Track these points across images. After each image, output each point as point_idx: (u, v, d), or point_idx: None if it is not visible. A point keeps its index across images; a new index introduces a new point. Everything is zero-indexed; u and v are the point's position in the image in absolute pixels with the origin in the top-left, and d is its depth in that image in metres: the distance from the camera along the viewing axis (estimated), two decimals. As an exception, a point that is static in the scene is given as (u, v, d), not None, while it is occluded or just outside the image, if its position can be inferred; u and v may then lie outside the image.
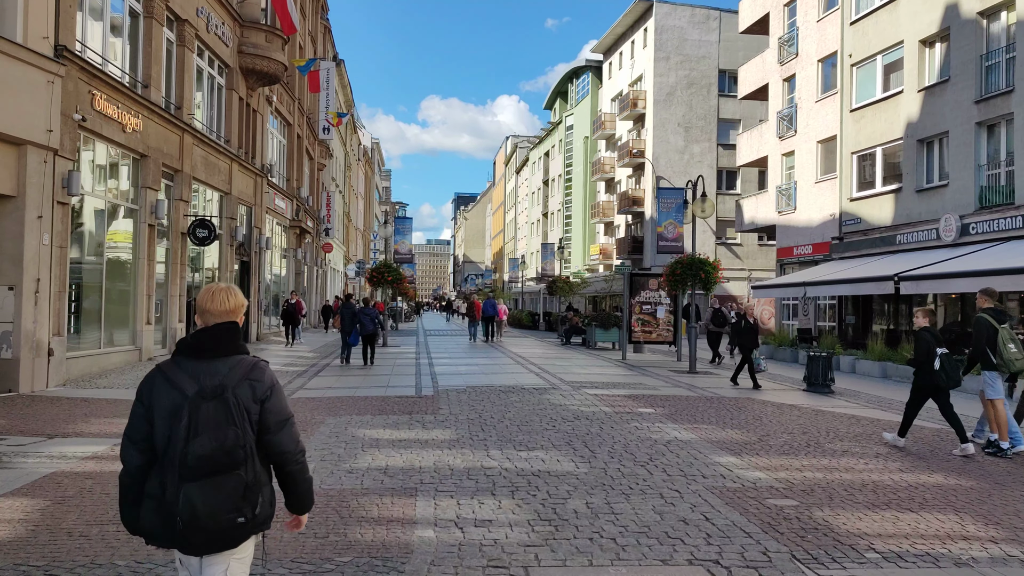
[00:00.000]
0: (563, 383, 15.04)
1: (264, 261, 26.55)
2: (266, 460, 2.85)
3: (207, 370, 2.78)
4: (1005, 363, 8.59)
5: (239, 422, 2.72)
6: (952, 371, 8.67)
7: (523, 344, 29.20)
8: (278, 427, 2.84)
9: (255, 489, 2.76)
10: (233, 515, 2.70)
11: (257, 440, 2.79)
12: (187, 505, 2.63)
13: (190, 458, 2.64)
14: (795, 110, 29.52)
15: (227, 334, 2.88)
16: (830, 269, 24.03)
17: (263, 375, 2.85)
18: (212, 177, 21.36)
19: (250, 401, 2.78)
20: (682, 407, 12.11)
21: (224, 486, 2.68)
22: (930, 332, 8.86)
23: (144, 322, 17.20)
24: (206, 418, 2.68)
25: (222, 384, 2.75)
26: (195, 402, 2.70)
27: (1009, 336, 8.68)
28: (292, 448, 2.87)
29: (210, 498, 2.65)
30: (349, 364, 19.06)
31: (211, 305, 2.90)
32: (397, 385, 14.66)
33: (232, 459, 2.69)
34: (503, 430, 9.76)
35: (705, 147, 45.75)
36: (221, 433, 2.68)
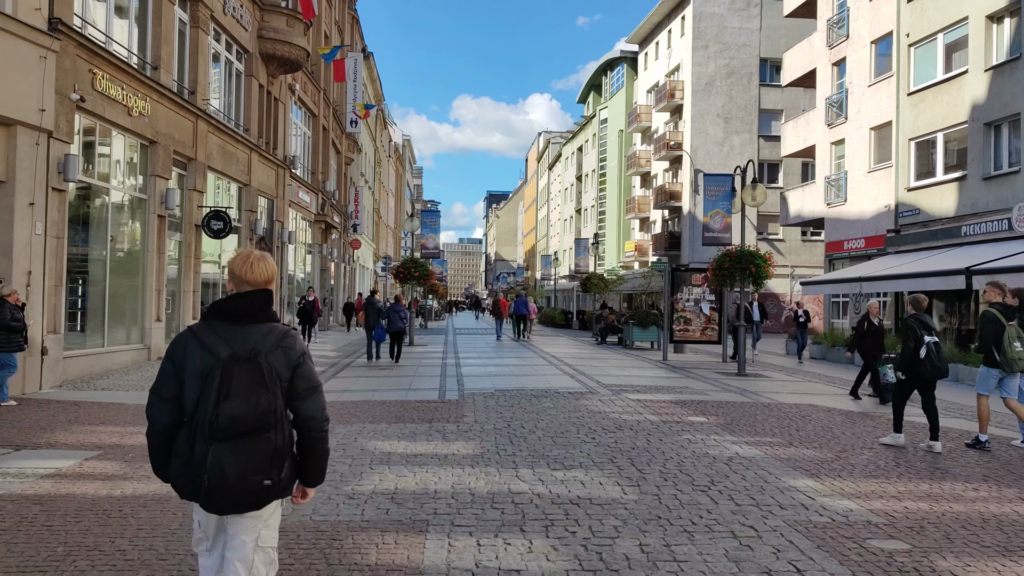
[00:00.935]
0: (601, 386, 13.69)
1: (287, 256, 25.53)
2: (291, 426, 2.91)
3: (240, 335, 2.82)
4: (1009, 361, 8.32)
5: (271, 387, 2.78)
6: (939, 361, 8.38)
7: (556, 343, 27.86)
8: (307, 393, 2.90)
9: (283, 453, 2.81)
10: (260, 477, 2.73)
11: (286, 404, 2.86)
12: (216, 465, 2.68)
13: (221, 419, 2.68)
14: (845, 95, 27.78)
15: (262, 302, 2.93)
16: (887, 264, 22.33)
17: (295, 342, 2.92)
18: (230, 167, 20.33)
19: (283, 367, 2.84)
20: (738, 415, 10.69)
21: (254, 448, 2.72)
22: (918, 319, 8.54)
23: (153, 319, 16.18)
24: (239, 381, 2.73)
25: (255, 349, 2.80)
26: (228, 365, 2.74)
27: (1016, 334, 8.37)
28: (318, 415, 2.93)
29: (239, 459, 2.70)
30: (376, 360, 18.36)
31: (250, 275, 2.92)
32: (419, 388, 13.42)
33: (263, 422, 2.74)
34: (535, 443, 8.46)
35: (746, 138, 43.96)
36: (254, 396, 2.73)
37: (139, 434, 8.69)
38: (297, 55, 23.36)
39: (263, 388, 2.76)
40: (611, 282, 38.95)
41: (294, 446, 2.93)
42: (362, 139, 47.10)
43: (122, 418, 9.79)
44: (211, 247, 20.06)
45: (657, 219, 49.61)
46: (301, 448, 2.94)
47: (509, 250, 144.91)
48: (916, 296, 8.98)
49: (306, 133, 30.11)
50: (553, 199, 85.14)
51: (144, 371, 14.62)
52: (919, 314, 8.64)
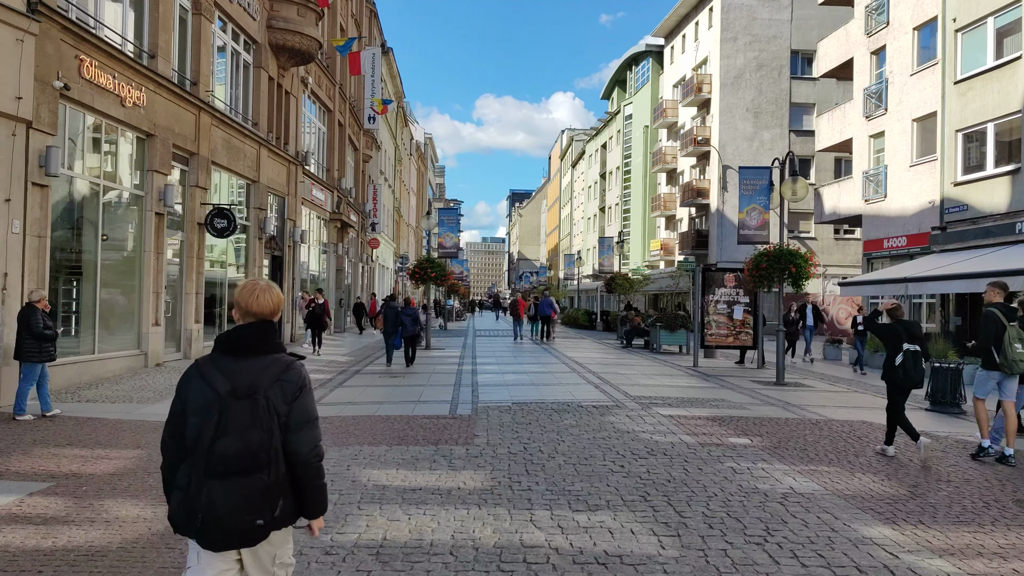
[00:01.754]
0: (628, 398, 12.50)
1: (299, 256, 24.57)
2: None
3: (241, 369, 2.81)
4: (1009, 363, 8.08)
5: (266, 425, 2.75)
6: (912, 370, 8.23)
7: (579, 347, 26.66)
8: (299, 427, 2.84)
9: (277, 491, 2.77)
10: (252, 517, 2.70)
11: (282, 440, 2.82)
12: (209, 502, 2.67)
13: (215, 457, 2.68)
14: (885, 86, 26.29)
15: (262, 334, 2.90)
16: (934, 263, 20.89)
17: (296, 375, 2.88)
18: (236, 163, 19.37)
19: (281, 402, 2.81)
20: (785, 436, 9.46)
21: (246, 487, 2.69)
22: (902, 325, 8.39)
23: (151, 323, 15.22)
24: (235, 418, 2.72)
25: (254, 384, 2.78)
26: (226, 401, 2.74)
27: (1017, 335, 8.13)
28: (306, 451, 2.86)
29: (231, 498, 2.67)
30: (389, 366, 17.69)
31: (255, 306, 2.92)
32: (430, 400, 12.31)
33: (255, 462, 2.71)
34: (554, 472, 7.31)
35: (776, 133, 42.44)
36: (247, 435, 2.71)
37: (107, 458, 7.67)
38: (309, 46, 22.37)
39: (258, 426, 2.74)
40: (636, 282, 37.63)
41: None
42: (381, 136, 46.16)
43: (95, 438, 8.77)
44: (217, 246, 19.13)
45: (684, 217, 48.21)
46: (294, 481, 2.87)
47: (532, 249, 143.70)
48: (999, 280, 8.79)
49: (321, 129, 29.15)
50: (576, 197, 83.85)
51: (138, 379, 13.66)
52: (905, 321, 8.50)
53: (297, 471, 2.86)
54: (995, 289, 8.62)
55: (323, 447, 2.96)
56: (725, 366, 19.14)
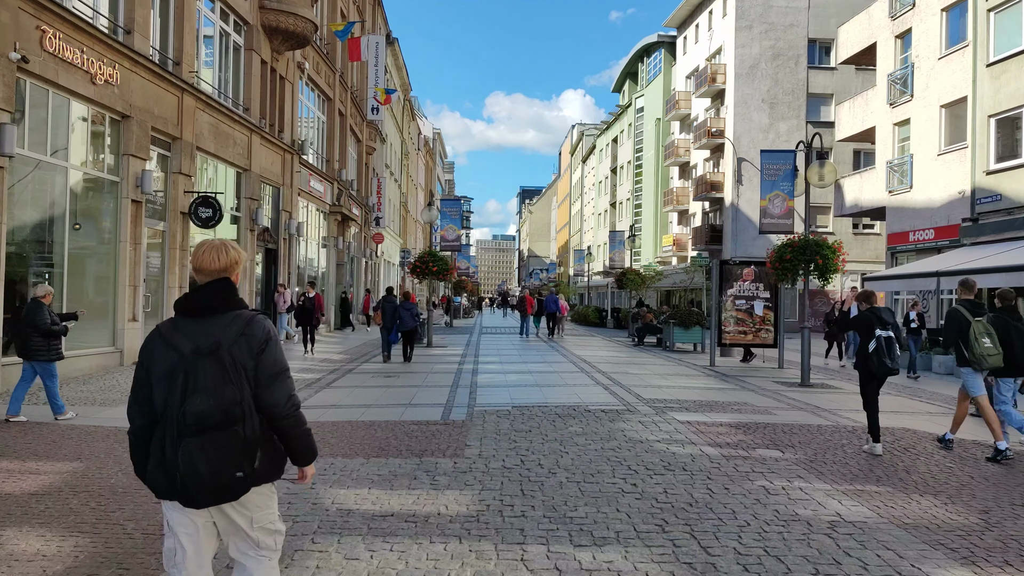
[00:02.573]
0: (641, 402, 11.35)
1: (295, 249, 23.51)
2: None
3: (202, 329, 2.79)
4: (977, 358, 7.98)
5: (235, 379, 2.73)
6: (887, 357, 7.98)
7: (588, 344, 25.50)
8: (269, 380, 2.82)
9: (254, 444, 2.76)
10: (232, 470, 2.70)
11: (254, 394, 2.79)
12: (187, 460, 2.66)
13: (188, 416, 2.67)
14: (911, 71, 25.00)
15: (219, 292, 2.87)
16: (967, 256, 19.62)
17: (259, 328, 2.84)
18: (224, 149, 18.31)
19: (246, 357, 2.78)
20: (820, 447, 8.29)
21: (223, 442, 2.68)
22: (874, 312, 8.17)
23: (127, 318, 14.18)
24: (203, 376, 2.70)
25: (217, 342, 2.75)
26: (191, 360, 2.72)
27: (984, 330, 8.04)
28: (282, 402, 2.84)
29: (209, 454, 2.66)
30: (390, 362, 17.33)
31: (201, 263, 2.88)
32: (422, 402, 11.19)
33: (229, 416, 2.70)
34: (554, 492, 6.19)
35: (793, 124, 41.08)
36: (217, 391, 2.69)
37: (35, 474, 6.61)
38: (303, 28, 21.29)
39: (227, 381, 2.72)
40: (648, 278, 36.42)
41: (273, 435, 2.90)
42: (387, 129, 45.11)
43: (33, 447, 7.71)
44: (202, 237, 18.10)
45: (697, 211, 46.92)
46: (277, 435, 2.89)
47: (542, 246, 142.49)
48: (966, 279, 8.69)
49: (320, 118, 28.08)
50: (587, 193, 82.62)
51: (109, 379, 12.62)
52: (875, 307, 8.30)
53: (276, 423, 2.84)
54: (963, 287, 8.61)
55: (298, 396, 2.95)
56: (744, 366, 17.93)
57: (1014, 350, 8.06)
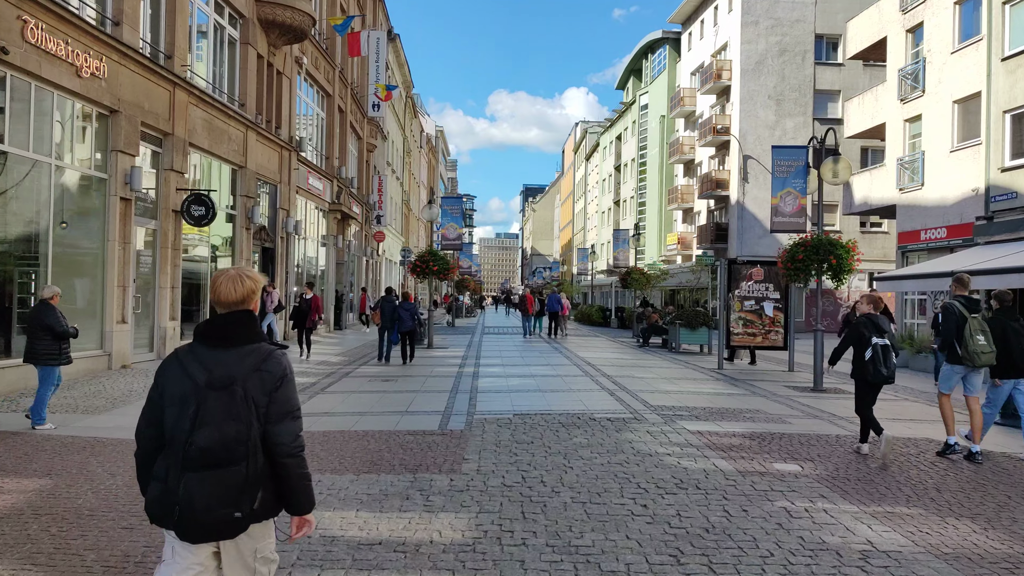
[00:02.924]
0: (648, 409, 10.84)
1: (293, 248, 23.03)
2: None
3: (219, 359, 2.75)
4: (970, 355, 7.90)
5: (244, 416, 2.69)
6: (884, 365, 7.92)
7: (593, 345, 24.99)
8: (279, 418, 2.78)
9: (255, 484, 2.71)
10: (229, 510, 2.65)
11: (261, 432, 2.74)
12: (186, 495, 2.62)
13: (192, 448, 2.63)
14: (923, 65, 24.42)
15: (237, 324, 2.84)
16: (981, 255, 19.04)
17: (276, 366, 2.80)
18: (219, 146, 17.83)
19: (259, 393, 2.74)
20: (841, 461, 7.78)
21: (223, 480, 2.64)
22: (869, 319, 8.12)
23: (116, 320, 13.71)
24: (212, 409, 2.66)
25: (231, 375, 2.71)
26: (203, 392, 2.68)
27: (979, 327, 7.97)
28: (288, 441, 2.79)
29: (208, 490, 2.62)
30: (385, 363, 17.15)
31: (219, 295, 2.85)
32: (419, 410, 10.69)
33: (231, 454, 2.65)
34: (558, 515, 5.70)
35: (799, 122, 40.52)
36: (223, 427, 2.65)
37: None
38: (301, 22, 20.79)
39: (234, 418, 2.68)
40: (653, 277, 35.90)
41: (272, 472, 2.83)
42: (389, 126, 44.61)
43: (2, 461, 7.21)
44: (201, 237, 17.61)
45: (702, 209, 46.38)
46: (276, 475, 2.80)
47: (545, 244, 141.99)
48: (961, 275, 8.62)
49: (319, 114, 27.58)
50: (590, 191, 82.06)
51: (95, 384, 12.15)
52: (871, 315, 8.22)
53: (278, 463, 2.78)
54: (957, 284, 8.53)
55: (304, 439, 2.88)
56: (753, 369, 17.42)
57: (1012, 350, 8.00)
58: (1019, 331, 8.06)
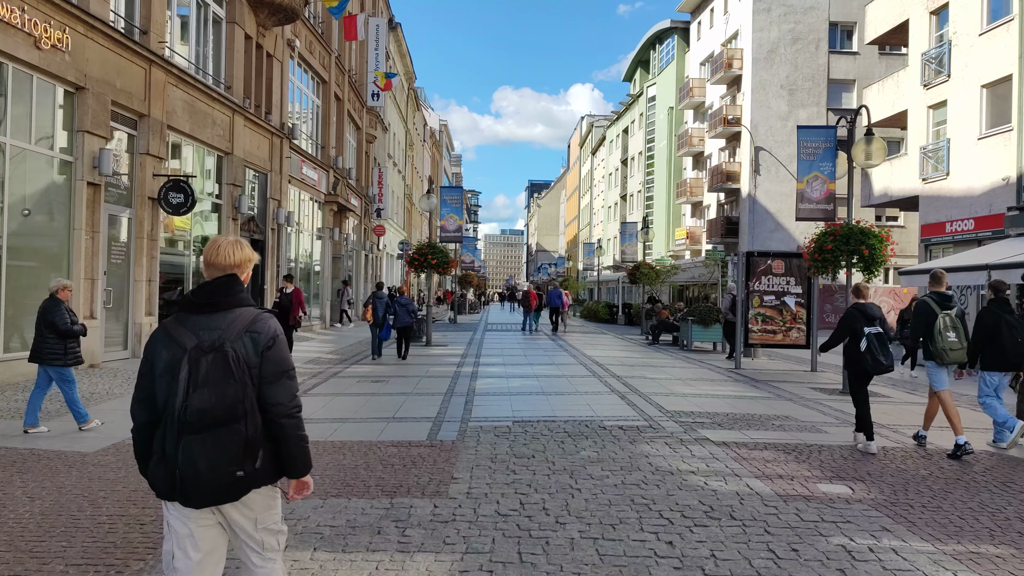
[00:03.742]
0: (664, 415, 9.70)
1: (284, 240, 21.91)
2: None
3: (207, 324, 2.75)
4: (939, 352, 7.75)
5: (239, 376, 2.68)
6: (880, 355, 7.71)
7: (599, 343, 23.84)
8: (275, 378, 2.78)
9: (255, 443, 2.71)
10: (233, 468, 2.65)
11: (258, 392, 2.75)
12: (187, 458, 2.61)
13: (189, 412, 2.62)
14: (948, 49, 23.19)
15: (225, 287, 2.84)
16: (1013, 248, 17.83)
17: (265, 326, 2.81)
18: (202, 130, 16.73)
19: (251, 354, 2.74)
20: (897, 481, 6.63)
21: (224, 440, 2.63)
22: (858, 308, 7.97)
23: (83, 315, 12.60)
24: (205, 372, 2.65)
25: (221, 337, 2.72)
26: (194, 356, 2.67)
27: (950, 323, 7.79)
28: (286, 400, 2.80)
29: (210, 451, 2.62)
30: (378, 357, 16.63)
31: (215, 258, 2.87)
32: (408, 415, 9.56)
33: (231, 413, 2.65)
34: (562, 556, 4.58)
35: (813, 112, 39.25)
36: (221, 387, 2.65)
37: None
38: (291, 1, 19.66)
39: (231, 377, 2.67)
40: (663, 272, 34.71)
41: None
42: (390, 117, 43.48)
43: (-94, 480, 6.12)
44: (179, 225, 16.51)
45: (712, 203, 45.16)
46: (273, 437, 2.80)
47: (551, 240, 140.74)
48: (936, 271, 8.35)
49: (314, 101, 26.45)
50: (596, 185, 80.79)
51: (55, 385, 11.04)
52: (860, 303, 8.08)
53: (276, 422, 2.77)
54: (932, 280, 8.31)
55: (300, 400, 2.87)
56: (774, 369, 16.25)
57: (1003, 344, 7.79)
58: (1013, 324, 7.82)
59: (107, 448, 7.44)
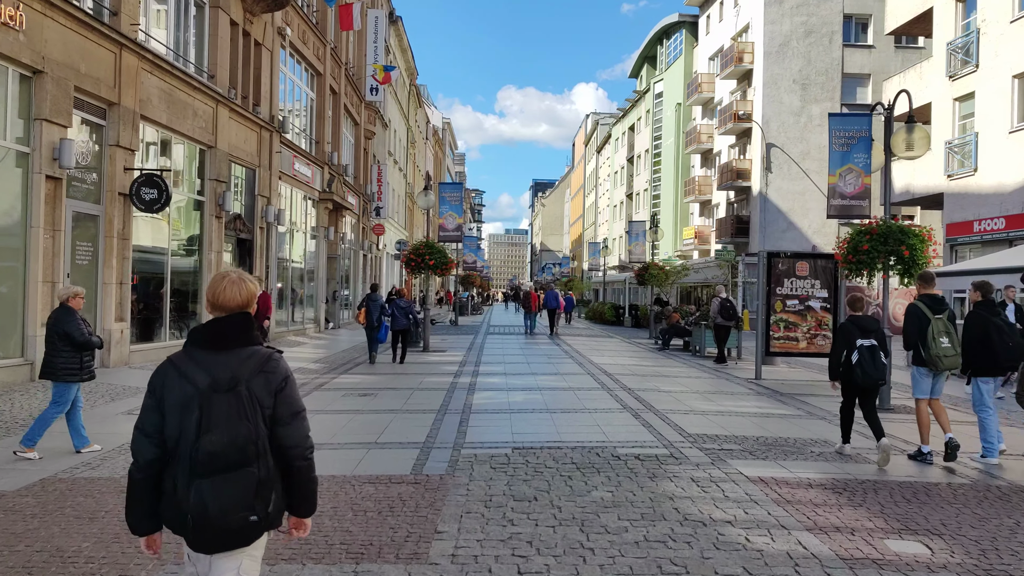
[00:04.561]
0: (685, 439, 8.51)
1: (274, 239, 20.75)
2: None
3: (220, 362, 2.69)
4: (932, 359, 7.44)
5: (251, 416, 2.63)
6: (871, 368, 7.43)
7: (606, 348, 22.65)
8: (289, 419, 2.74)
9: (268, 485, 2.64)
10: (246, 513, 2.58)
11: (270, 433, 2.69)
12: (198, 502, 2.54)
13: (201, 453, 2.55)
14: (976, 38, 21.95)
15: (239, 327, 2.78)
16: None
17: (278, 366, 2.77)
18: (181, 121, 15.57)
19: (264, 394, 2.69)
20: (983, 534, 5.41)
21: (236, 483, 2.56)
22: (853, 321, 7.76)
23: (40, 322, 11.41)
24: (218, 412, 2.59)
25: (235, 377, 2.66)
26: (207, 395, 2.61)
27: (944, 329, 7.47)
28: (301, 443, 2.76)
29: (222, 495, 2.54)
30: (375, 363, 16.05)
31: (221, 299, 2.79)
32: (392, 440, 8.37)
33: (244, 455, 2.58)
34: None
35: (826, 107, 37.91)
36: (233, 428, 2.59)
37: None
38: (280, -15, 18.51)
39: (243, 418, 2.60)
40: (673, 273, 33.48)
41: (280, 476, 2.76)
42: (391, 114, 42.32)
43: None
44: (161, 227, 15.35)
45: (721, 202, 43.92)
46: (285, 477, 2.75)
47: (555, 240, 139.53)
48: (925, 273, 8.27)
49: (308, 94, 25.29)
50: (601, 184, 79.54)
51: (15, 399, 9.89)
52: (856, 316, 7.91)
53: (291, 464, 2.73)
54: (921, 283, 8.12)
55: (312, 441, 2.83)
56: (796, 379, 15.03)
57: (994, 348, 7.42)
58: (1002, 327, 7.49)
59: (32, 485, 6.28)
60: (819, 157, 37.96)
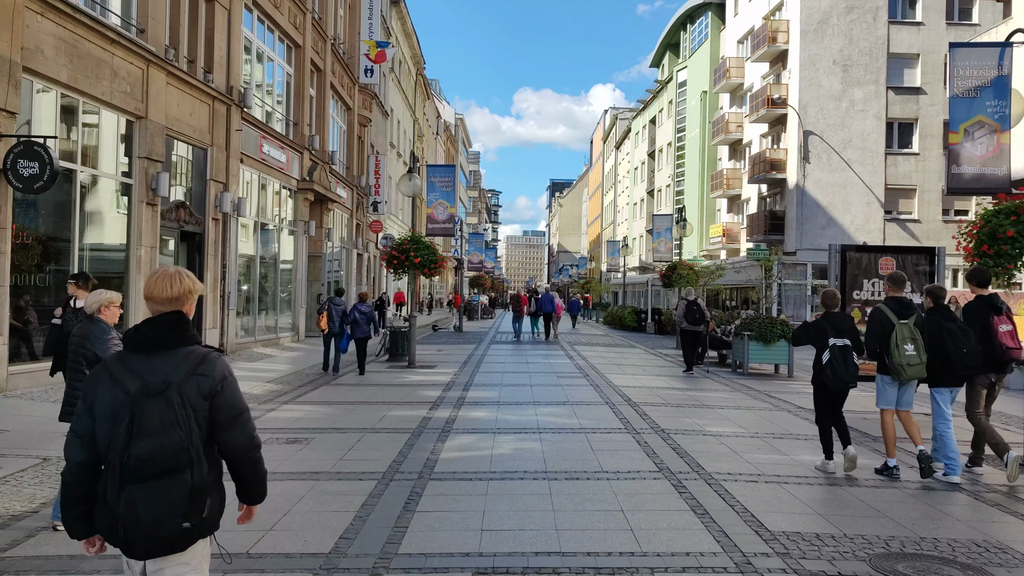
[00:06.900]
0: (764, 538, 5.13)
1: (231, 233, 17.48)
2: (216, 459, 2.66)
3: (153, 365, 2.57)
4: (896, 367, 6.99)
5: (184, 423, 2.52)
6: (842, 370, 7.03)
7: (628, 361, 19.21)
8: (229, 423, 2.63)
9: (203, 492, 2.55)
10: (178, 520, 2.50)
11: (207, 437, 2.60)
12: (129, 510, 2.45)
13: (132, 460, 2.46)
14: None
15: (170, 326, 2.65)
16: None
17: (212, 368, 2.63)
18: (95, 83, 12.34)
19: (197, 398, 2.58)
20: None
21: (168, 490, 2.47)
22: (827, 319, 7.31)
23: None
24: (149, 418, 2.49)
25: (166, 381, 2.55)
26: (137, 401, 2.51)
27: (909, 335, 7.00)
28: (244, 445, 2.68)
29: (153, 503, 2.46)
30: (337, 373, 14.67)
31: (152, 291, 2.68)
32: (271, 551, 5.04)
33: (176, 462, 2.48)
34: None
35: (870, 91, 34.35)
36: (164, 435, 2.49)
37: None
38: (233, -76, 15.25)
39: (175, 425, 2.49)
40: (706, 274, 29.94)
41: (222, 477, 2.69)
42: (393, 102, 39.11)
43: None
44: (55, 213, 12.11)
45: (752, 196, 40.26)
46: (234, 476, 2.73)
47: (572, 240, 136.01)
48: (894, 273, 7.62)
49: (284, 69, 22.04)
50: (620, 181, 75.90)
51: None
52: (831, 313, 7.37)
53: (236, 466, 2.69)
54: (889, 284, 7.53)
55: (259, 437, 2.75)
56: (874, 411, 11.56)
57: (949, 356, 6.91)
58: (956, 333, 6.94)
59: None
60: (862, 146, 34.36)
